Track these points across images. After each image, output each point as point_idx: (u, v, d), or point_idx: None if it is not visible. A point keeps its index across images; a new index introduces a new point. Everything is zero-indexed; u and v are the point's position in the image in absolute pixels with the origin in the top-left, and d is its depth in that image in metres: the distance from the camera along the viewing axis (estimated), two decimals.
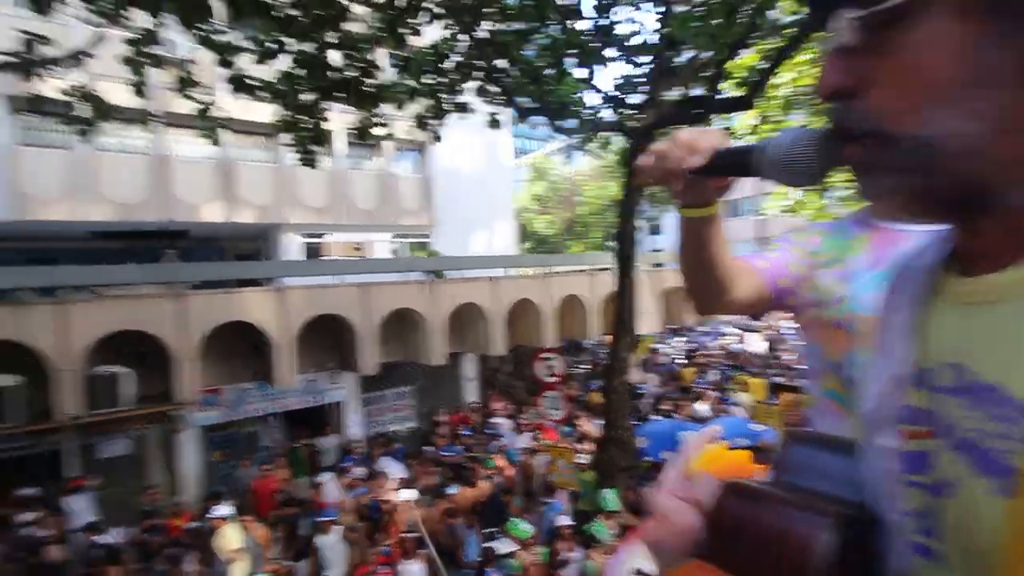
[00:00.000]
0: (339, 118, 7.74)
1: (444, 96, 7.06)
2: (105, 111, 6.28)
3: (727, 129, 10.56)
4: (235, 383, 9.46)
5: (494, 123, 7.19)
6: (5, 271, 8.40)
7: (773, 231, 21.68)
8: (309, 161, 7.16)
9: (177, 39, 6.85)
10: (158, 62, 6.11)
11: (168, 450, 9.04)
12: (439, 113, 7.20)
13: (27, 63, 5.77)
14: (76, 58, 5.89)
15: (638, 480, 6.76)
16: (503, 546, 5.19)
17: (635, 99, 7.66)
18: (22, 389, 7.39)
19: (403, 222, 14.61)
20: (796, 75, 9.34)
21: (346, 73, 6.71)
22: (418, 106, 7.22)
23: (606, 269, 13.40)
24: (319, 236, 13.93)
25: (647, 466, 6.95)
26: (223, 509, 6.77)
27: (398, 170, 14.92)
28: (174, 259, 12.01)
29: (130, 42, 5.77)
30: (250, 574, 5.69)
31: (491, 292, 11.09)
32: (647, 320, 12.87)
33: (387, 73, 7.06)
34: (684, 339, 17.54)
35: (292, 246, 13.16)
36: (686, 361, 14.35)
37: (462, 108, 7.15)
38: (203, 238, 13.04)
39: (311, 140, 7.07)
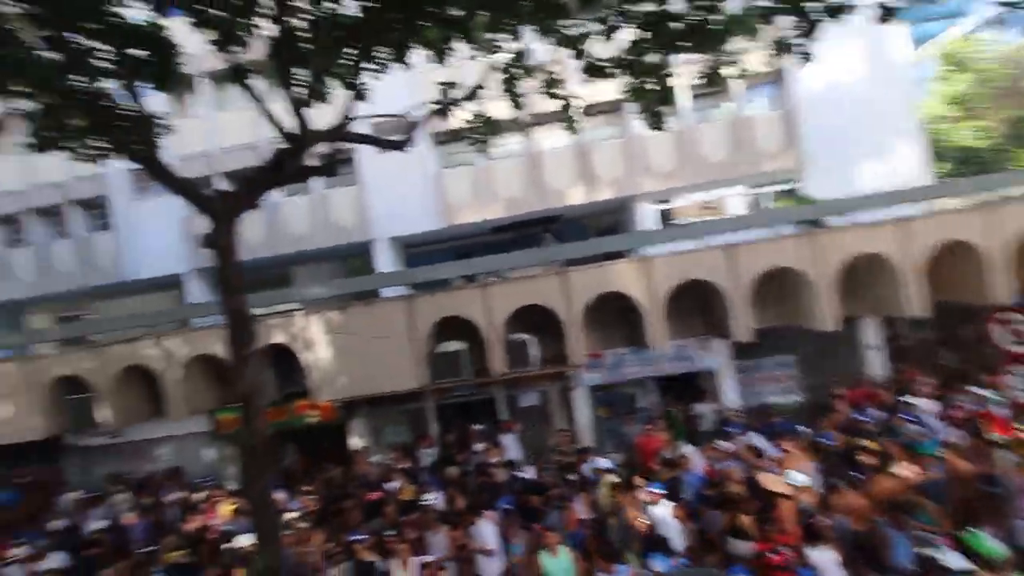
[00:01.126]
0: (681, 72, 7.73)
1: (811, 4, 6.15)
2: (496, 128, 8.07)
3: None
4: (613, 348, 10.88)
5: (887, 14, 5.85)
6: (444, 265, 11.78)
7: None
8: (657, 124, 7.43)
9: (534, 46, 8.13)
10: (527, 73, 7.43)
11: (566, 404, 11.19)
12: (807, 28, 6.32)
13: (445, 106, 7.90)
14: (474, 92, 7.71)
15: None
16: (949, 558, 4.38)
17: None
18: (466, 352, 10.34)
19: (762, 169, 13.51)
20: None
21: (688, 19, 6.65)
22: (776, 29, 6.52)
23: None
24: (669, 200, 14.32)
25: None
26: (603, 462, 7.89)
27: (751, 111, 13.86)
28: (551, 241, 14.56)
29: (504, 69, 7.19)
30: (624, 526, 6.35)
31: (899, 237, 9.12)
32: None
33: (732, 3, 6.63)
34: None
35: (647, 214, 13.97)
36: None
37: (838, 10, 6.08)
38: (570, 219, 15.22)
39: (658, 102, 7.32)
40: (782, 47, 6.63)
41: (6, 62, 4.51)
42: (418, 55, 6.63)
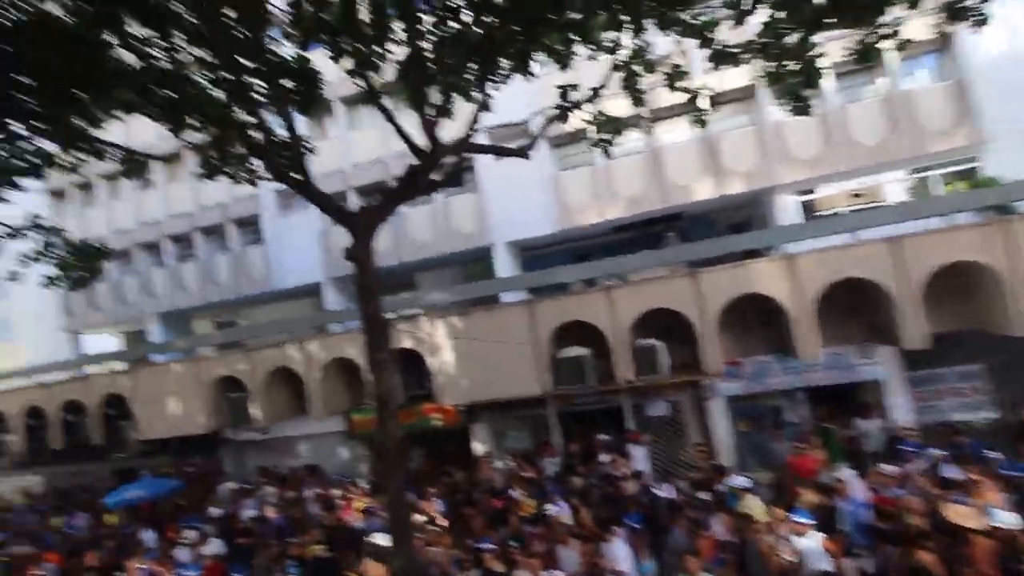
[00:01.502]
0: (826, 49, 7.10)
1: None
2: (617, 127, 7.96)
3: None
4: (754, 356, 10.19)
5: None
6: (565, 268, 11.83)
7: None
8: (803, 109, 6.89)
9: (656, 39, 7.87)
10: (650, 68, 7.27)
11: (700, 415, 10.66)
12: None
13: (564, 109, 7.92)
14: (596, 93, 7.67)
15: None
16: None
17: None
18: (590, 358, 10.27)
19: (929, 149, 11.96)
20: None
21: None
22: None
23: None
24: (813, 191, 13.18)
25: None
26: (742, 480, 7.40)
27: (912, 84, 12.35)
28: (675, 241, 14.04)
29: (624, 66, 7.08)
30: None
31: None
32: None
33: None
34: None
35: (787, 207, 12.97)
36: None
37: None
38: (695, 216, 14.57)
39: (802, 85, 6.78)
40: (953, 12, 5.85)
41: (187, 101, 5.31)
42: (537, 61, 6.77)
